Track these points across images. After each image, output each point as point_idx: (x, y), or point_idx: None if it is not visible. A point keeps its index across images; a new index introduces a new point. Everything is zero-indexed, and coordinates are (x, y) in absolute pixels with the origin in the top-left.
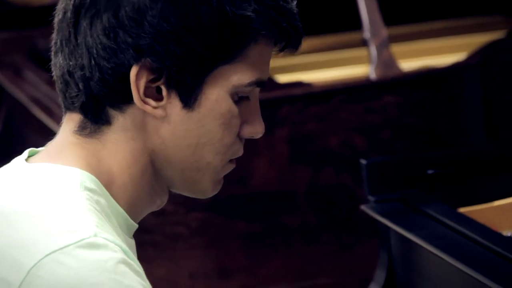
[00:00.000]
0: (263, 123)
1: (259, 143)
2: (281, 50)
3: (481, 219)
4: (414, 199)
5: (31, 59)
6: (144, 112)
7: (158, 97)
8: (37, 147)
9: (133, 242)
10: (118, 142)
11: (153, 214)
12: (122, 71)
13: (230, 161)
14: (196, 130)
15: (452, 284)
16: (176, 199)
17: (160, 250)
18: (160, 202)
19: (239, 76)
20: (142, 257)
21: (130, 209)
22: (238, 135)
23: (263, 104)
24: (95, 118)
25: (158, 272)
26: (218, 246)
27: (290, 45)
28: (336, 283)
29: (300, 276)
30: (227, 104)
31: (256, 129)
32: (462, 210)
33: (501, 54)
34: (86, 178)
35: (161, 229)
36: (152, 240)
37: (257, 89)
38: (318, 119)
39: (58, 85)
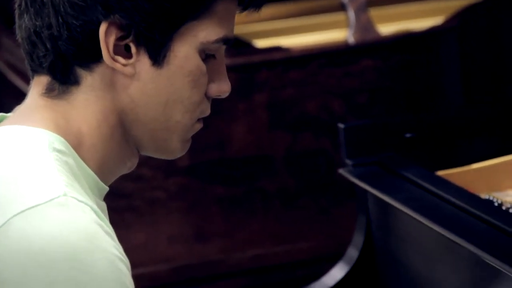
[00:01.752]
0: (229, 83)
1: (237, 108)
2: (244, 9)
3: (458, 182)
4: (391, 163)
5: (5, 23)
6: (113, 70)
7: (127, 55)
8: None
9: (104, 205)
10: (87, 102)
11: (132, 179)
12: (91, 29)
13: (198, 120)
14: (165, 88)
15: (430, 246)
16: (154, 164)
17: (139, 215)
18: (130, 164)
19: (206, 33)
20: (121, 222)
21: (100, 171)
22: (205, 95)
23: (242, 69)
24: (64, 79)
25: (137, 237)
26: (197, 211)
27: (253, 4)
28: (314, 247)
29: (279, 240)
30: (196, 61)
31: (222, 88)
32: (439, 173)
33: (479, 18)
34: (55, 140)
35: (139, 194)
36: (131, 205)
37: (223, 47)
38: (297, 84)
39: (24, 47)
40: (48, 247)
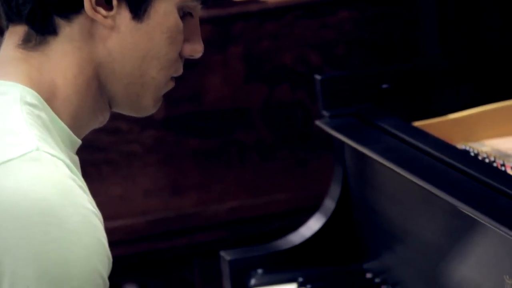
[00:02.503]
0: (202, 44)
1: (213, 60)
2: None
3: (435, 133)
4: (368, 114)
5: None
6: (92, 22)
7: (108, 7)
8: None
9: (77, 159)
10: (64, 53)
11: (108, 132)
12: None
13: (171, 79)
14: (143, 43)
15: (407, 196)
16: (130, 118)
17: (115, 168)
18: (102, 119)
19: None
20: (97, 176)
21: (73, 124)
22: (179, 54)
23: (218, 21)
24: (42, 28)
25: (113, 190)
26: (173, 164)
27: None
28: (291, 199)
29: (255, 192)
30: (174, 18)
31: (196, 48)
32: (416, 123)
33: None
34: (27, 93)
35: (115, 147)
36: (107, 158)
37: (199, 7)
38: (273, 36)
39: None
40: (22, 202)
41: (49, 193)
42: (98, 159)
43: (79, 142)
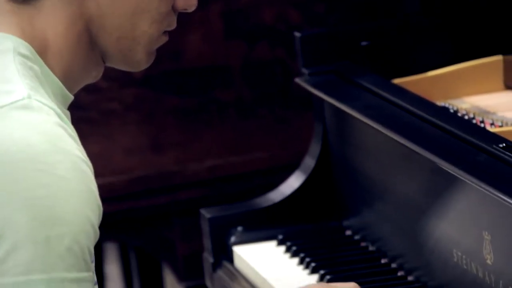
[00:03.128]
0: None
1: (192, 18)
2: None
3: (414, 90)
4: (348, 71)
5: None
6: None
7: None
8: None
9: (68, 114)
10: (54, 7)
11: (87, 90)
12: None
13: (164, 33)
14: None
15: (387, 154)
16: (110, 75)
17: (94, 126)
18: (95, 74)
19: None
20: (78, 134)
21: (65, 79)
22: (172, 7)
23: None
24: None
25: (93, 149)
26: (152, 122)
27: None
28: (271, 157)
29: (235, 150)
30: None
31: (190, 1)
32: (396, 81)
33: None
34: (20, 45)
35: (95, 105)
36: (86, 116)
37: None
38: None
39: None
40: (11, 148)
41: (38, 140)
42: (77, 117)
43: (71, 97)
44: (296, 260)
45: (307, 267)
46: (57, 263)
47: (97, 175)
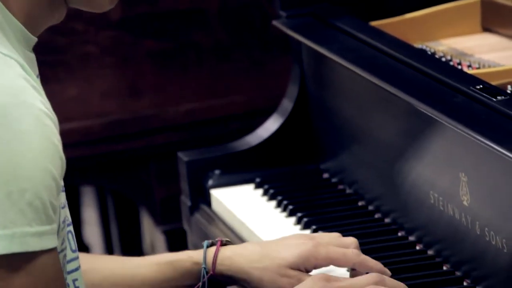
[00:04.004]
0: None
1: None
2: None
3: (392, 32)
4: (326, 13)
5: None
6: None
7: None
8: None
9: (33, 56)
10: None
11: (64, 33)
12: None
13: None
14: None
15: (365, 97)
16: (86, 18)
17: (71, 70)
18: (58, 16)
19: None
20: (53, 77)
21: (28, 21)
22: None
23: None
24: None
25: (70, 92)
26: (129, 65)
27: None
28: (249, 100)
29: (212, 94)
30: None
31: None
32: (373, 23)
33: None
34: None
35: (71, 49)
36: (63, 60)
37: None
38: None
39: None
40: None
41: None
42: (53, 60)
43: (34, 39)
44: (273, 203)
45: (284, 210)
46: (19, 218)
47: (73, 118)
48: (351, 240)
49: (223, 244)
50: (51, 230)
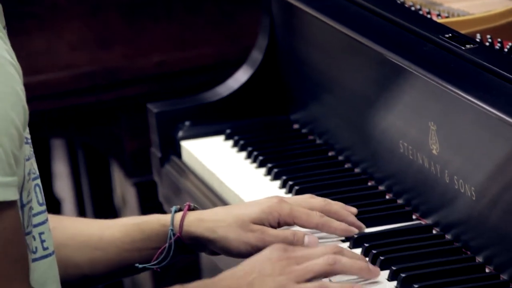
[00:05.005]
0: None
1: None
2: None
3: None
4: None
5: None
6: None
7: None
8: None
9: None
10: None
11: None
12: None
13: None
14: None
15: (334, 47)
16: None
17: (39, 21)
18: None
19: None
20: (22, 29)
21: None
22: None
23: None
24: None
25: (38, 44)
26: (98, 16)
27: None
28: (219, 52)
29: (182, 45)
30: None
31: None
32: None
33: None
34: None
35: (40, 0)
36: (31, 11)
37: None
38: None
39: None
40: None
41: None
42: (22, 12)
43: None
44: (243, 154)
45: (254, 160)
46: None
47: (43, 71)
48: (319, 203)
49: (191, 209)
50: (13, 182)
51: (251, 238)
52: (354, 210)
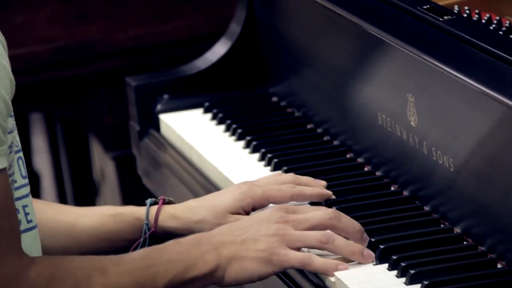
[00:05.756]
0: None
1: None
2: None
3: None
4: None
5: None
6: None
7: None
8: None
9: None
10: None
11: None
12: None
13: None
14: None
15: (313, 19)
16: None
17: None
18: None
19: None
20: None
21: None
22: None
23: None
24: None
25: (16, 19)
26: None
27: None
28: (197, 25)
29: (160, 19)
30: None
31: None
32: None
33: None
34: None
35: None
36: None
37: None
38: None
39: None
40: None
41: None
42: None
43: None
44: (222, 127)
45: (233, 133)
46: None
47: (21, 44)
48: (289, 178)
49: (166, 202)
50: (2, 151)
51: None
52: (324, 182)
